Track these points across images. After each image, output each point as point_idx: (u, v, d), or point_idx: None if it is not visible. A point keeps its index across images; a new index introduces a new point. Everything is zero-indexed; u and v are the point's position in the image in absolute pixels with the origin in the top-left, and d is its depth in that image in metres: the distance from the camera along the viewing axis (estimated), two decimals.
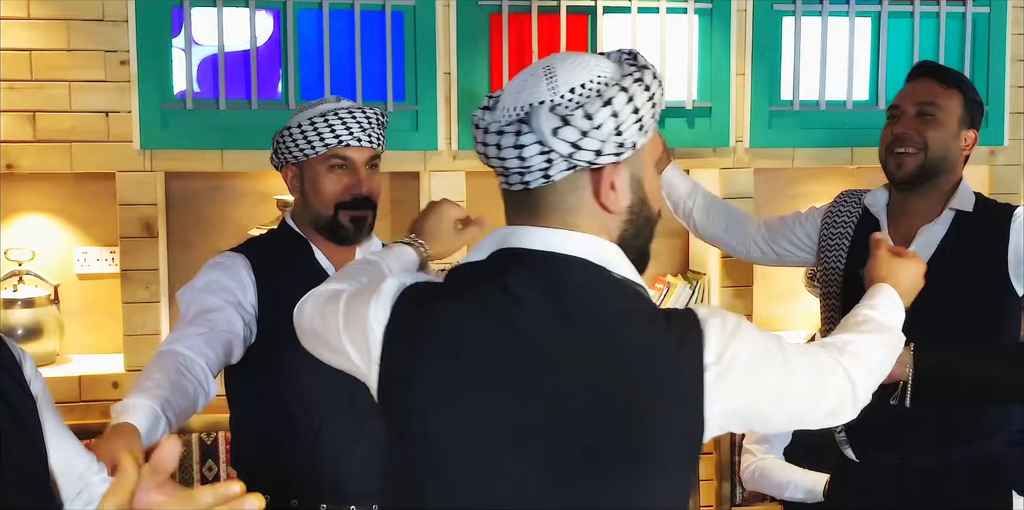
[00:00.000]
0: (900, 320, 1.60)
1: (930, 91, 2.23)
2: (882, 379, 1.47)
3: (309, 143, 2.07)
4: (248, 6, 3.04)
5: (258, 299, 2.07)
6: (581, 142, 1.24)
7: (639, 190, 1.31)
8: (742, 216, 2.62)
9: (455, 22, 3.15)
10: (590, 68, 1.28)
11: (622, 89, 1.25)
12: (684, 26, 3.28)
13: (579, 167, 1.27)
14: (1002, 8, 3.47)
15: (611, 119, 1.23)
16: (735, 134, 3.35)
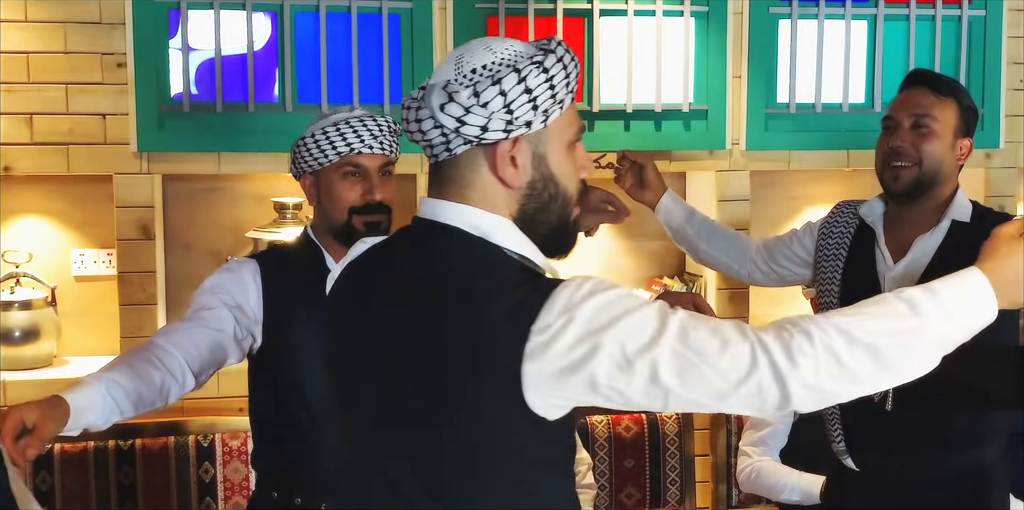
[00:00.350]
0: (958, 316, 1.33)
1: (925, 102, 2.21)
2: (868, 384, 1.29)
3: (323, 152, 2.12)
4: (245, 9, 3.05)
5: (264, 303, 2.14)
6: (465, 118, 1.33)
7: (543, 167, 1.37)
8: (742, 239, 2.60)
9: (452, 24, 3.16)
10: (497, 52, 1.36)
11: (515, 71, 1.32)
12: (680, 29, 3.29)
13: (476, 143, 1.35)
14: (998, 11, 3.47)
15: (499, 97, 1.32)
16: (731, 136, 3.36)
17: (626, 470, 3.11)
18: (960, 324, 1.34)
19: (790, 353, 1.23)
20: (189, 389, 1.99)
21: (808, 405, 1.26)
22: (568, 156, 1.40)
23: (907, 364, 1.31)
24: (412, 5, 3.15)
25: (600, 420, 3.11)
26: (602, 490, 3.08)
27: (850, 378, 1.26)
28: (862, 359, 1.26)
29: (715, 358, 1.22)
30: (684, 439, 3.15)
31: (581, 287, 1.26)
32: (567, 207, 1.41)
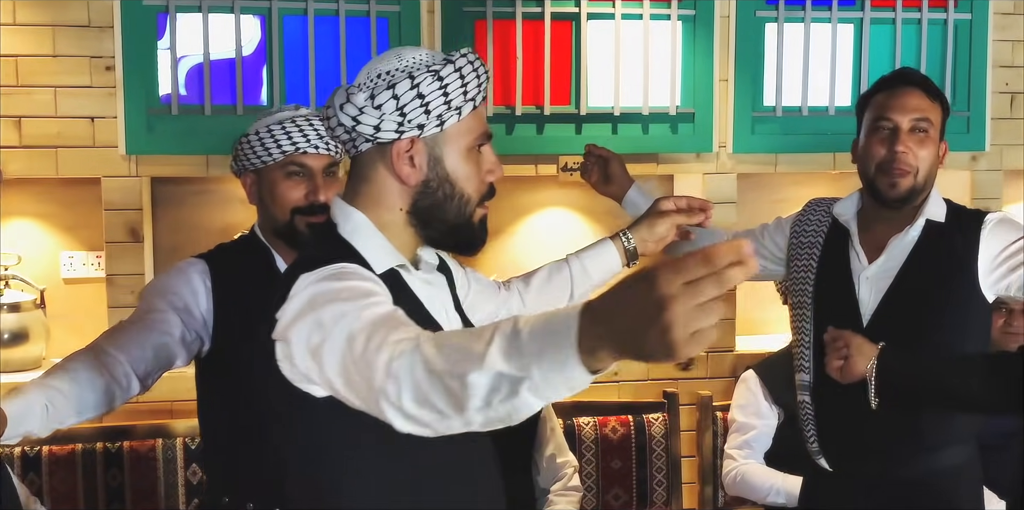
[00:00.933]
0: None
1: (921, 104, 2.17)
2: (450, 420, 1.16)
3: (267, 150, 2.09)
4: (233, 12, 3.06)
5: (214, 305, 2.09)
6: (360, 117, 1.46)
7: (438, 168, 1.49)
8: (710, 232, 2.51)
9: (439, 28, 3.17)
10: (404, 59, 1.48)
11: (409, 77, 1.44)
12: (667, 32, 3.30)
13: (373, 142, 1.47)
14: (983, 14, 3.49)
15: (392, 100, 1.44)
16: (718, 139, 3.37)
17: (613, 471, 3.13)
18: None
19: (388, 373, 1.19)
20: (134, 394, 1.95)
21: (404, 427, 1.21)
22: (468, 159, 1.50)
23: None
24: (400, 9, 3.16)
25: (587, 421, 3.13)
26: (589, 491, 3.09)
27: (432, 410, 1.17)
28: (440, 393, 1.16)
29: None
30: (670, 441, 3.17)
31: (308, 277, 1.38)
32: (465, 207, 1.51)
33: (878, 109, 2.21)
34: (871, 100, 2.24)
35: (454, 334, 1.18)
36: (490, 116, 3.22)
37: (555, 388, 1.06)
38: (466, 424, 1.15)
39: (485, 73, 1.51)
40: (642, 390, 3.36)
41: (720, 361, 3.41)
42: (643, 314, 0.95)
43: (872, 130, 2.21)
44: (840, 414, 2.20)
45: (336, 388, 1.29)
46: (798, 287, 2.31)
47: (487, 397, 1.09)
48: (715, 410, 3.19)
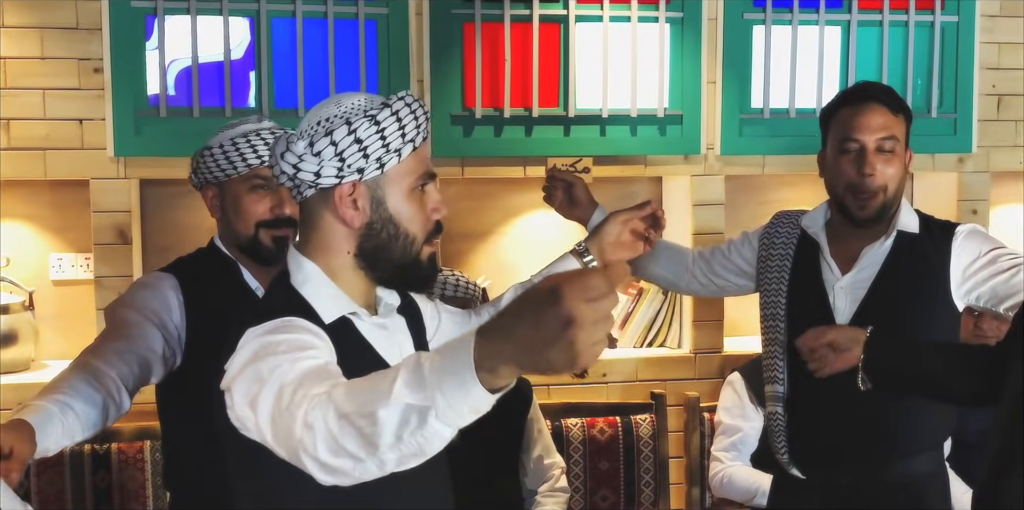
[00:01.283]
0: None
1: (886, 122, 2.18)
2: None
3: (231, 163, 2.07)
4: (221, 14, 3.06)
5: (186, 320, 2.06)
6: (300, 164, 1.49)
7: (381, 210, 1.52)
8: (677, 251, 2.54)
9: (428, 30, 3.18)
10: (343, 106, 1.51)
11: (347, 123, 1.47)
12: (655, 35, 3.31)
13: (315, 187, 1.49)
14: (970, 17, 3.51)
15: (330, 147, 1.47)
16: (706, 141, 3.39)
17: (601, 472, 3.14)
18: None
19: (304, 424, 1.22)
20: (125, 410, 1.90)
21: (324, 478, 1.25)
22: (411, 199, 1.53)
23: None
24: (388, 11, 3.17)
25: (575, 423, 3.14)
26: (576, 492, 3.11)
27: (346, 456, 1.20)
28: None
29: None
30: (658, 442, 3.18)
31: (255, 331, 1.42)
32: (410, 247, 1.54)
33: (844, 128, 2.21)
34: (835, 115, 2.24)
35: (365, 378, 1.20)
36: (479, 118, 3.24)
37: (460, 412, 1.10)
38: (380, 465, 1.18)
39: (424, 114, 1.53)
40: (630, 391, 3.38)
41: (708, 362, 3.42)
42: (548, 329, 1.00)
43: (840, 150, 2.22)
44: (812, 425, 2.22)
45: (267, 439, 1.31)
46: (770, 300, 2.31)
47: (397, 431, 1.13)
48: (702, 411, 3.21)
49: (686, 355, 3.46)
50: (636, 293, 3.52)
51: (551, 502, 2.81)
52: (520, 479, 2.84)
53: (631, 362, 3.42)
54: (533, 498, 2.83)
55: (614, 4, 3.28)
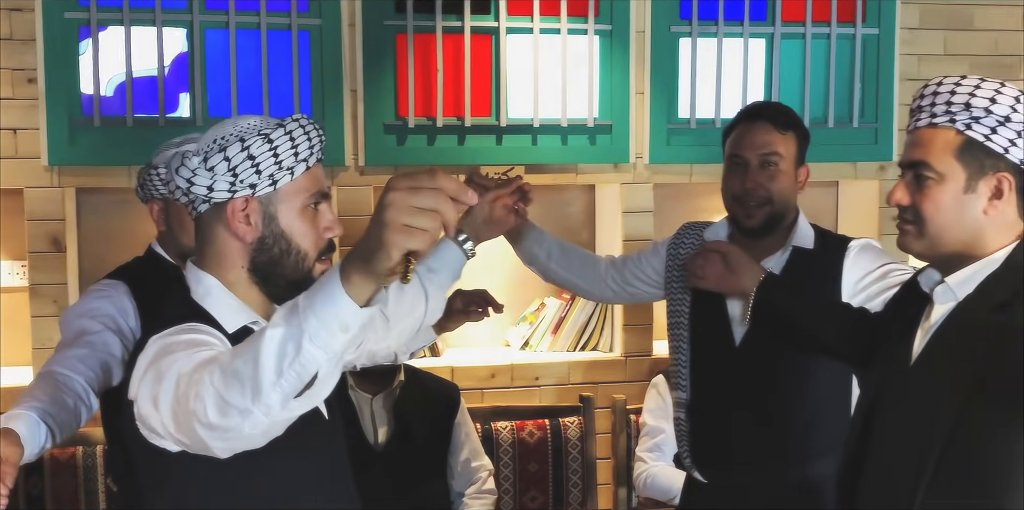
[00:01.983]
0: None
1: (769, 139, 2.27)
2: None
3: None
4: (155, 25, 3.10)
5: (141, 325, 2.15)
6: (193, 179, 1.54)
7: (273, 225, 1.56)
8: (591, 258, 2.60)
9: (361, 41, 3.24)
10: (239, 125, 1.56)
11: (240, 140, 1.52)
12: (585, 46, 3.40)
13: (211, 201, 1.55)
14: (890, 29, 3.62)
15: (223, 163, 1.52)
16: (635, 150, 3.47)
17: (530, 474, 3.22)
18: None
19: (196, 397, 1.30)
20: (95, 410, 2.00)
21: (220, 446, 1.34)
22: (303, 217, 1.58)
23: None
24: (321, 22, 3.22)
25: (505, 426, 3.22)
26: (506, 494, 3.18)
27: (234, 411, 1.28)
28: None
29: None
30: (586, 443, 3.26)
31: (156, 340, 1.48)
32: (302, 262, 1.59)
33: (732, 145, 2.33)
34: (729, 134, 2.36)
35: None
36: (411, 127, 3.30)
37: (331, 331, 1.20)
38: (267, 411, 1.25)
39: (319, 136, 1.58)
40: (562, 394, 3.46)
41: (638, 365, 3.51)
42: (374, 219, 1.17)
43: (728, 166, 2.34)
44: (713, 430, 2.30)
45: (171, 431, 1.38)
46: (675, 309, 2.39)
47: (277, 365, 1.22)
48: (629, 413, 3.29)
49: (617, 358, 3.55)
50: (569, 298, 3.60)
51: (478, 504, 2.88)
52: (448, 481, 2.91)
53: (563, 366, 3.50)
54: (461, 500, 2.90)
55: (544, 16, 3.36)
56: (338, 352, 1.23)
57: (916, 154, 1.63)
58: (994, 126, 1.57)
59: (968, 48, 3.72)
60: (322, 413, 1.68)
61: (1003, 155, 1.57)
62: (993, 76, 3.78)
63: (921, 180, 1.61)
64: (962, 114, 1.58)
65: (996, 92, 1.58)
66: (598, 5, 3.39)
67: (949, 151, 1.59)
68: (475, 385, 3.40)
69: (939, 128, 1.60)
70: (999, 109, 1.57)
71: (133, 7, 3.09)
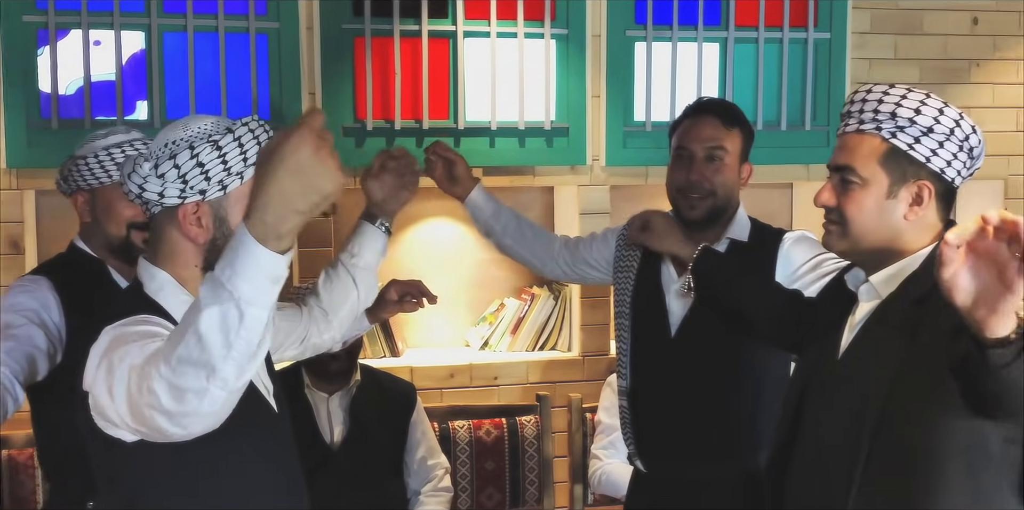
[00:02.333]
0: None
1: (716, 133, 2.34)
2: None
3: (106, 171, 2.23)
4: (113, 28, 3.12)
5: (64, 318, 2.18)
6: (145, 185, 1.58)
7: (224, 228, 1.61)
8: (545, 236, 2.67)
9: (319, 44, 3.27)
10: (189, 129, 1.60)
11: (190, 148, 1.57)
12: (541, 50, 3.44)
13: (163, 206, 1.59)
14: (842, 34, 3.69)
15: (173, 169, 1.56)
16: (592, 153, 3.52)
17: (487, 472, 3.26)
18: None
19: (148, 390, 1.35)
20: (21, 402, 2.03)
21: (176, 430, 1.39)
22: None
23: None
24: (279, 25, 3.25)
25: (462, 425, 3.26)
26: (463, 492, 3.22)
27: (189, 393, 1.34)
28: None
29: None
30: (542, 442, 3.31)
31: (109, 331, 1.52)
32: None
33: (679, 138, 2.39)
34: (677, 128, 2.42)
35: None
36: (370, 130, 3.33)
37: (262, 288, 1.27)
38: (223, 384, 1.30)
39: (268, 139, 1.61)
40: (521, 393, 3.51)
41: (596, 364, 3.56)
42: (303, 167, 1.25)
43: (674, 158, 2.40)
44: (655, 418, 2.35)
45: (127, 421, 1.42)
46: (620, 298, 2.46)
47: (224, 338, 1.27)
48: (585, 412, 3.34)
49: (575, 358, 3.60)
50: (529, 298, 3.64)
51: (433, 501, 2.92)
52: (404, 480, 2.94)
53: (522, 365, 3.55)
54: (417, 498, 2.94)
55: (501, 21, 3.40)
56: (274, 304, 1.30)
57: (842, 158, 1.69)
58: (918, 136, 1.63)
59: (918, 52, 3.79)
60: (271, 406, 1.72)
61: (925, 164, 1.64)
62: (942, 80, 3.89)
63: (846, 184, 1.67)
64: (888, 123, 1.64)
65: (921, 103, 1.64)
66: (554, 9, 3.44)
67: (874, 157, 1.65)
68: (434, 385, 3.44)
69: (866, 135, 1.66)
70: (923, 120, 1.63)
71: (91, 10, 3.11)
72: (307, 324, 2.08)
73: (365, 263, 2.16)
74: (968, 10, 3.83)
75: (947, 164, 1.64)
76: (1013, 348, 1.27)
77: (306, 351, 2.11)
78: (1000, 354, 1.27)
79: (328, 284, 2.14)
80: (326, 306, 2.12)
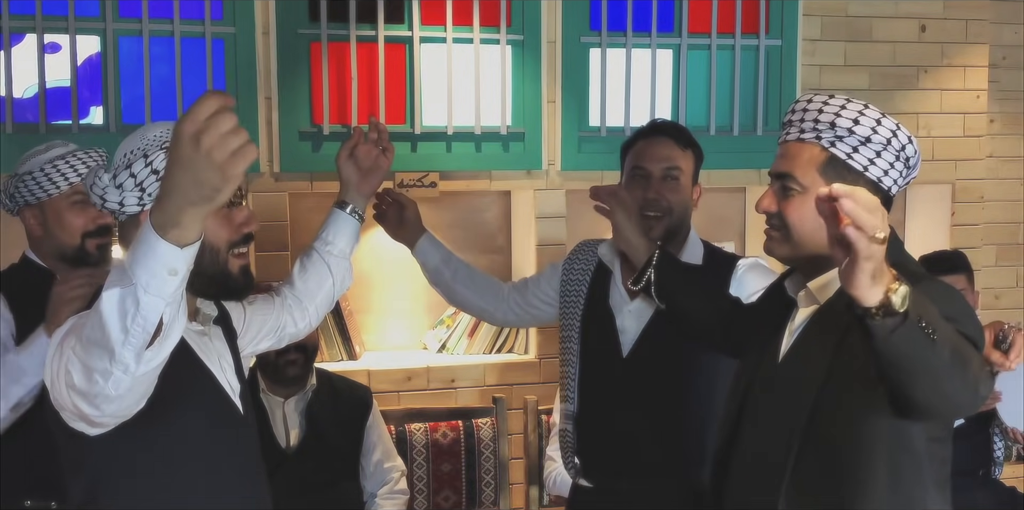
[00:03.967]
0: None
1: (672, 154, 2.36)
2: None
3: (54, 183, 2.28)
4: (68, 32, 3.12)
5: (15, 330, 2.21)
6: (105, 195, 1.63)
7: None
8: (494, 283, 2.66)
9: (275, 49, 3.28)
10: (146, 138, 1.63)
11: (144, 156, 1.60)
12: (497, 56, 3.47)
13: (126, 214, 1.63)
14: (793, 40, 3.75)
15: (130, 179, 1.60)
16: (547, 157, 3.56)
17: (443, 474, 3.29)
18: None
19: (65, 370, 1.44)
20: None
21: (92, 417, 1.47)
22: (214, 218, 1.63)
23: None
24: (235, 30, 3.26)
25: (418, 427, 3.28)
26: (420, 494, 3.24)
27: (96, 374, 1.39)
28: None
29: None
30: (499, 444, 3.34)
31: (73, 320, 1.56)
32: (216, 256, 1.67)
33: (635, 158, 2.40)
34: (631, 148, 2.43)
35: None
36: (326, 134, 3.35)
37: (160, 277, 1.28)
38: (125, 368, 1.34)
39: None
40: (478, 396, 3.54)
41: (551, 367, 3.59)
42: (186, 159, 1.20)
43: (629, 177, 2.41)
44: (603, 439, 2.37)
45: (61, 404, 1.47)
46: (566, 322, 2.46)
47: (121, 323, 1.30)
48: (540, 414, 3.37)
49: (531, 360, 3.63)
50: None
51: (390, 504, 2.94)
52: (360, 482, 2.96)
53: (479, 368, 3.58)
54: (374, 501, 2.96)
55: (457, 26, 3.43)
56: (174, 295, 1.31)
57: (783, 166, 1.73)
58: (856, 145, 1.67)
59: (867, 59, 3.87)
60: (237, 406, 1.74)
61: (863, 172, 1.68)
62: (891, 86, 3.96)
63: (787, 191, 1.71)
64: (827, 132, 1.68)
65: (860, 113, 1.68)
66: (510, 15, 3.47)
67: (813, 166, 1.69)
68: (392, 388, 3.46)
69: (806, 143, 1.70)
70: (861, 130, 1.67)
71: (46, 14, 3.11)
72: (280, 313, 2.11)
73: (339, 251, 2.21)
74: (916, 17, 3.91)
75: (884, 173, 1.68)
76: (892, 319, 1.31)
77: (282, 340, 2.14)
78: (879, 325, 1.32)
79: (303, 273, 2.18)
80: (301, 294, 2.16)
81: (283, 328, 2.11)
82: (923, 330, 1.32)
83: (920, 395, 1.40)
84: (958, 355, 1.37)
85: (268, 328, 2.07)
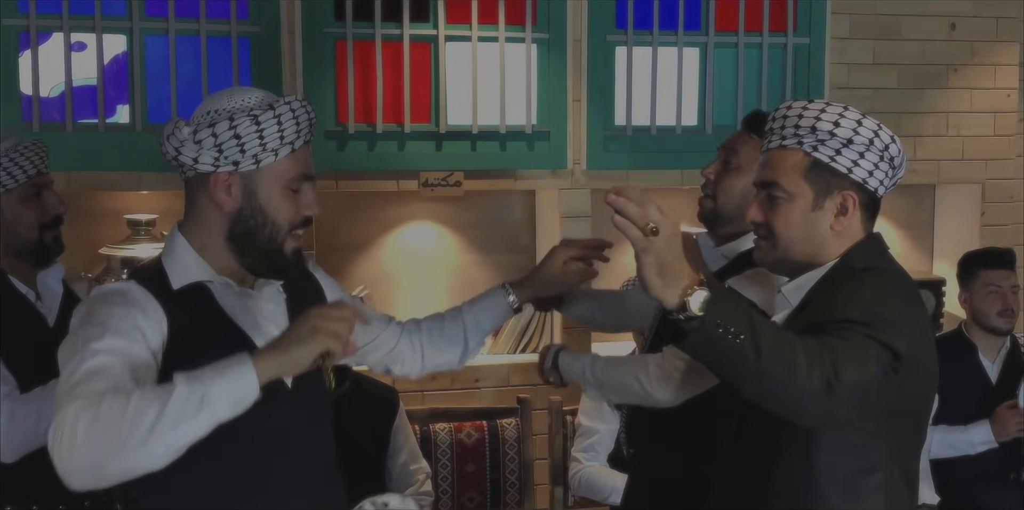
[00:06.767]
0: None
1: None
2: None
3: (12, 177, 2.23)
4: (95, 31, 3.12)
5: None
6: (181, 149, 1.63)
7: (252, 200, 1.66)
8: (617, 295, 2.56)
9: (300, 48, 3.28)
10: (234, 100, 1.65)
11: (229, 119, 1.61)
12: (522, 55, 3.46)
13: (197, 171, 1.64)
14: (821, 38, 3.72)
15: (211, 138, 1.61)
16: (572, 157, 3.54)
17: (467, 475, 3.28)
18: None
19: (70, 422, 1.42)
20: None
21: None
22: (284, 195, 1.68)
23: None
24: (261, 29, 3.26)
25: (443, 428, 3.27)
26: (444, 495, 3.24)
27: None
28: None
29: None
30: (523, 444, 3.33)
31: (92, 294, 1.64)
32: (276, 235, 1.69)
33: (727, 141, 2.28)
34: None
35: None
36: (352, 133, 3.34)
37: (228, 401, 1.40)
38: (147, 455, 1.38)
39: (308, 120, 1.67)
40: (502, 396, 3.52)
41: None
42: (299, 331, 1.45)
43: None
44: (643, 418, 2.35)
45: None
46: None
47: (176, 419, 1.37)
48: (565, 414, 3.36)
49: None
50: None
51: None
52: (385, 485, 2.95)
53: (503, 368, 3.57)
54: None
55: (482, 25, 3.41)
56: (220, 422, 1.41)
57: (768, 174, 1.72)
58: (838, 148, 1.67)
59: (896, 57, 3.82)
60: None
61: (847, 175, 1.68)
62: (920, 85, 3.91)
63: (773, 199, 1.71)
64: (809, 137, 1.68)
65: (840, 116, 1.68)
66: (535, 14, 3.46)
67: (797, 171, 1.68)
68: (416, 387, 3.45)
69: (788, 150, 1.70)
70: (842, 132, 1.67)
71: (72, 14, 3.11)
72: (396, 342, 2.05)
73: (483, 334, 2.11)
74: (946, 15, 3.86)
75: (869, 174, 1.68)
76: (691, 322, 1.37)
77: (379, 367, 2.10)
78: (684, 327, 1.38)
79: (438, 328, 2.08)
80: (420, 344, 2.07)
81: (393, 357, 2.06)
82: (725, 336, 1.37)
83: (752, 397, 1.46)
84: (790, 363, 1.40)
85: (381, 342, 2.02)
